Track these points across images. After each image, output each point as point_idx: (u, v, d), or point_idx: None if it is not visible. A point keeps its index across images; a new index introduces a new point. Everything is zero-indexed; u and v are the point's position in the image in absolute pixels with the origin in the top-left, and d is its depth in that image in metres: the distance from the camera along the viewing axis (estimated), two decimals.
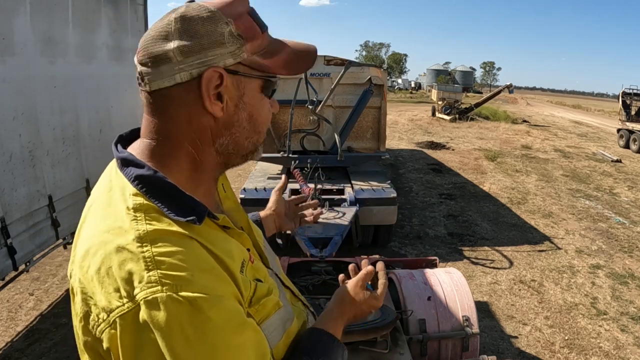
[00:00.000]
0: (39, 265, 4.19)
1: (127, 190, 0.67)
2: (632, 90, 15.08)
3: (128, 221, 0.63)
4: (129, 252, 0.61)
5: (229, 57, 0.69)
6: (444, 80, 59.53)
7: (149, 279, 0.58)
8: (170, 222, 0.65)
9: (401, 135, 14.93)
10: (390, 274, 2.52)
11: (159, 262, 0.60)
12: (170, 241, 0.62)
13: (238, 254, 0.72)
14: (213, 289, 0.61)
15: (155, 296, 0.57)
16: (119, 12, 4.44)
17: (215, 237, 0.70)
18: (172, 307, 0.57)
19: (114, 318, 0.59)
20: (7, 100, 2.89)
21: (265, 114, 0.78)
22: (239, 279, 0.68)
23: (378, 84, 5.49)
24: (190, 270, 0.60)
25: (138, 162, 0.69)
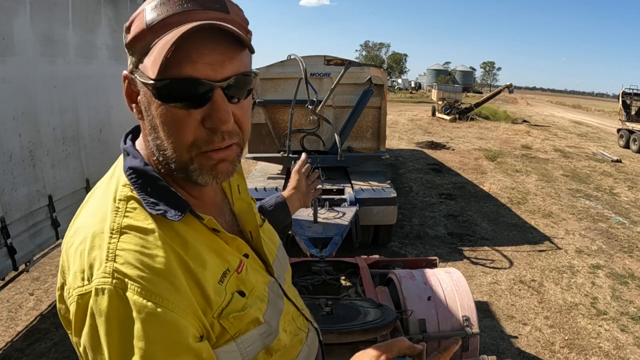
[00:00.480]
0: (39, 265, 4.19)
1: (121, 179, 0.70)
2: (632, 90, 15.07)
3: (110, 211, 0.66)
4: (100, 239, 0.63)
5: (130, 62, 0.68)
6: (444, 80, 59.53)
7: (104, 269, 0.60)
8: (147, 217, 0.65)
9: (401, 135, 14.94)
10: (391, 274, 2.53)
11: (118, 256, 0.61)
12: (138, 237, 0.63)
13: (217, 264, 0.69)
14: (160, 297, 0.60)
15: (104, 287, 0.59)
16: (119, 12, 4.44)
17: (194, 241, 0.68)
18: (115, 302, 0.59)
19: (75, 295, 0.62)
20: (7, 100, 2.89)
21: (168, 124, 0.65)
22: (210, 289, 0.66)
23: (378, 84, 5.50)
24: (144, 272, 0.60)
25: (134, 154, 0.72)
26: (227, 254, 0.73)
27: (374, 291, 2.44)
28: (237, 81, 0.66)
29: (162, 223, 0.66)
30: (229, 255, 0.73)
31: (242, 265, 0.74)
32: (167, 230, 0.66)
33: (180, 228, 0.67)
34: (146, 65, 0.64)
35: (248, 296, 0.73)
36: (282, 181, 5.08)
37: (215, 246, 0.71)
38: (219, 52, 0.63)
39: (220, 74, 0.63)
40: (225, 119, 0.65)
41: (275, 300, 0.81)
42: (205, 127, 0.65)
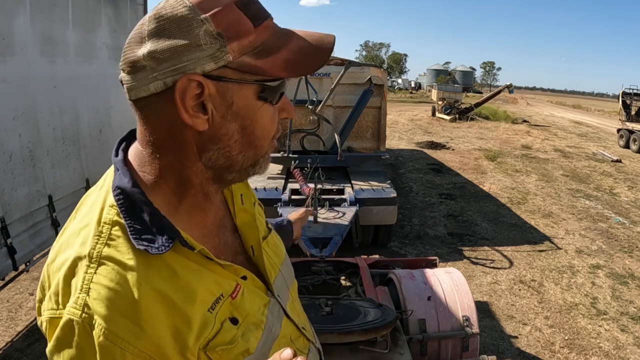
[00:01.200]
0: (39, 265, 4.18)
1: (108, 197, 0.64)
2: (632, 90, 15.08)
3: (91, 235, 0.62)
4: (78, 266, 0.60)
5: (209, 61, 0.58)
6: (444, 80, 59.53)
7: (77, 300, 0.58)
8: (129, 249, 0.61)
9: (401, 135, 14.94)
10: (391, 274, 2.53)
11: (92, 290, 0.58)
12: (115, 272, 0.59)
13: (210, 291, 0.65)
14: (123, 341, 0.57)
15: (72, 318, 0.58)
16: (119, 12, 4.44)
17: (185, 270, 0.63)
18: (81, 336, 0.58)
19: (47, 317, 0.62)
20: (7, 100, 2.89)
21: (264, 124, 0.66)
22: (197, 322, 0.62)
23: (378, 83, 5.50)
24: (113, 313, 0.58)
25: (124, 172, 0.65)
26: (221, 279, 0.68)
27: (374, 291, 2.44)
28: None
29: (146, 255, 0.61)
30: (223, 280, 0.68)
31: (237, 289, 0.69)
32: (153, 261, 0.61)
33: (168, 257, 0.62)
34: (261, 67, 0.61)
35: (241, 323, 0.68)
36: (282, 181, 5.08)
37: (208, 272, 0.66)
38: None
39: None
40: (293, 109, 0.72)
41: (272, 324, 0.76)
42: (280, 118, 0.70)
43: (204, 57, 0.58)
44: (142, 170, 0.66)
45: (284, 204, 4.44)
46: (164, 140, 0.64)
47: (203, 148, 0.64)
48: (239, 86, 0.61)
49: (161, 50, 0.58)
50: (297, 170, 4.74)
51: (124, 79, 0.62)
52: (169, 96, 0.59)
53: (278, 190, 4.68)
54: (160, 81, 0.59)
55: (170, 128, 0.62)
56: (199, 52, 0.58)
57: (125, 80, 0.62)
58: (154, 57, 0.58)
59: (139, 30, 0.60)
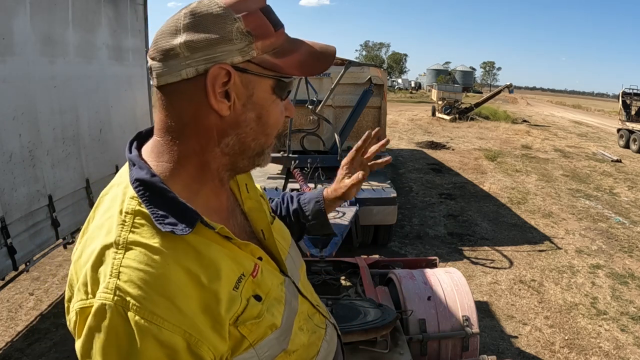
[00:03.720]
0: (39, 265, 4.19)
1: (128, 191, 0.68)
2: (632, 90, 15.08)
3: (116, 224, 0.65)
4: (105, 254, 0.63)
5: (237, 54, 0.67)
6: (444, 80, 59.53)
7: (107, 285, 0.60)
8: (154, 234, 0.64)
9: (401, 135, 14.94)
10: (391, 273, 2.53)
11: (122, 273, 0.60)
12: (143, 254, 0.62)
13: (232, 270, 0.69)
14: (160, 319, 0.59)
15: (105, 303, 0.59)
16: (119, 12, 4.44)
17: (207, 251, 0.67)
18: (114, 318, 0.59)
19: (77, 308, 0.62)
20: (7, 100, 2.89)
21: (275, 116, 0.74)
22: (225, 298, 0.66)
23: (378, 83, 5.50)
24: (146, 292, 0.60)
25: (140, 165, 0.70)
26: (241, 258, 0.72)
27: (374, 291, 2.44)
28: None
29: (170, 237, 0.65)
30: (243, 260, 0.72)
31: (257, 268, 0.74)
32: (178, 243, 0.65)
33: (191, 239, 0.66)
34: (279, 64, 0.70)
35: (265, 300, 0.73)
36: (282, 181, 5.08)
37: (228, 251, 0.71)
38: None
39: None
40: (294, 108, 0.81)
41: (291, 300, 0.81)
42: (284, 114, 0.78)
43: (233, 50, 0.67)
44: (159, 161, 0.71)
45: None
46: (188, 124, 0.69)
47: (223, 133, 0.71)
48: (259, 79, 0.70)
49: (197, 41, 0.65)
50: (297, 170, 4.74)
51: (154, 66, 0.68)
52: (198, 82, 0.66)
53: (278, 190, 4.68)
54: (193, 68, 0.66)
55: (195, 113, 0.69)
56: (230, 45, 0.66)
57: (155, 67, 0.68)
58: (189, 46, 0.65)
59: (174, 24, 0.67)
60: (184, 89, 0.67)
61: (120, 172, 0.75)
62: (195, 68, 0.66)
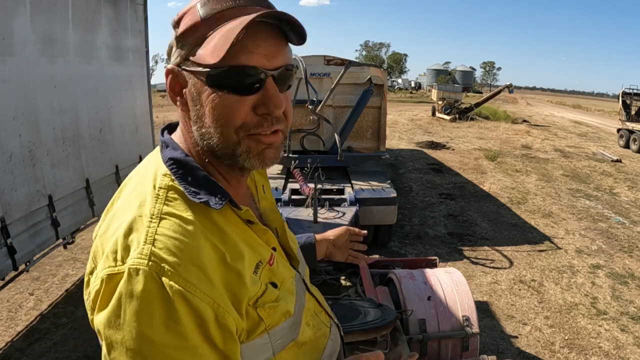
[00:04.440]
0: (39, 265, 4.19)
1: (160, 169, 0.71)
2: (632, 90, 15.07)
3: (150, 197, 0.67)
4: (138, 223, 0.64)
5: (178, 54, 0.70)
6: (444, 80, 59.53)
7: (141, 251, 0.61)
8: (187, 207, 0.67)
9: (401, 135, 14.94)
10: (391, 273, 2.53)
11: (157, 240, 0.62)
12: (177, 225, 0.64)
13: (252, 255, 0.71)
14: (193, 286, 0.60)
15: (139, 268, 0.59)
16: (119, 12, 4.44)
17: (230, 232, 0.69)
18: (149, 283, 0.59)
19: (103, 275, 0.62)
20: (7, 100, 2.89)
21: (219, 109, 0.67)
22: (247, 279, 0.68)
23: (378, 83, 5.50)
24: (181, 259, 0.61)
25: (174, 146, 0.74)
26: (258, 246, 0.74)
27: (374, 291, 2.44)
28: (285, 72, 0.71)
29: (200, 214, 0.67)
30: (260, 247, 0.75)
31: (273, 257, 0.76)
32: (206, 221, 0.67)
33: (217, 219, 0.68)
34: (201, 55, 0.67)
35: (280, 288, 0.74)
36: (282, 181, 5.08)
37: (247, 238, 0.73)
38: (272, 43, 0.68)
39: (273, 63, 0.68)
40: (279, 103, 0.70)
41: (300, 294, 0.83)
42: (257, 113, 0.69)
43: (175, 52, 0.71)
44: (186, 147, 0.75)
45: (284, 204, 4.44)
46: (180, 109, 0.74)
47: (192, 129, 0.72)
48: (195, 75, 0.68)
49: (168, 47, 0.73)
50: (297, 170, 4.74)
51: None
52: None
53: (278, 190, 4.68)
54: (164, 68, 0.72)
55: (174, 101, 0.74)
56: (175, 47, 0.71)
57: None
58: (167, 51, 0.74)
59: None
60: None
61: (148, 157, 0.78)
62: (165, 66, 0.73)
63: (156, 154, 0.76)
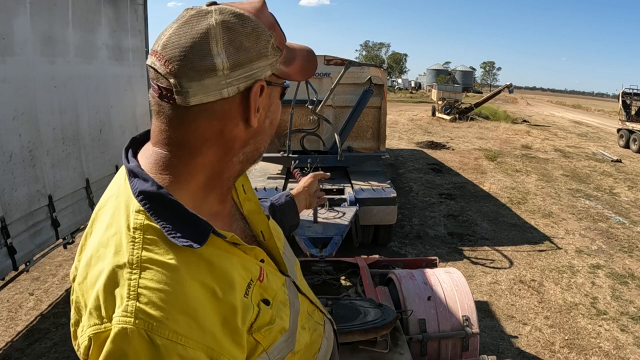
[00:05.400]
0: (39, 265, 4.19)
1: (131, 204, 0.65)
2: (632, 90, 15.07)
3: (126, 242, 0.62)
4: (118, 275, 0.60)
5: (269, 69, 0.69)
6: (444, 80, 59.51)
7: (126, 308, 0.58)
8: (167, 249, 0.63)
9: (401, 135, 14.93)
10: (391, 273, 2.53)
11: (140, 295, 0.59)
12: (159, 273, 0.60)
13: (242, 277, 0.69)
14: (183, 337, 0.59)
15: (125, 327, 0.57)
16: (119, 12, 4.44)
17: (219, 261, 0.67)
18: (137, 342, 0.57)
19: (90, 334, 0.60)
20: (7, 100, 2.89)
21: (278, 117, 0.79)
22: (239, 309, 0.66)
23: (378, 83, 5.50)
24: (168, 312, 0.59)
25: (144, 176, 0.66)
26: (247, 264, 0.72)
27: (374, 291, 2.44)
28: None
29: (183, 252, 0.63)
30: (249, 265, 0.72)
31: (262, 272, 0.74)
32: (190, 257, 0.63)
33: (203, 251, 0.65)
34: (288, 72, 0.74)
35: (273, 304, 0.73)
36: (282, 181, 5.08)
37: (236, 258, 0.70)
38: None
39: None
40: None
41: (293, 300, 0.81)
42: None
43: (267, 65, 0.68)
44: (164, 174, 0.68)
45: None
46: (209, 139, 0.67)
47: (244, 143, 0.72)
48: (276, 88, 0.73)
49: (240, 60, 0.64)
50: (297, 170, 4.74)
51: (185, 85, 0.63)
52: (235, 99, 0.66)
53: (278, 190, 4.68)
54: (235, 87, 0.65)
55: (223, 127, 0.68)
56: (265, 61, 0.67)
57: (186, 87, 0.63)
58: (231, 64, 0.64)
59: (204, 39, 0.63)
60: (218, 106, 0.65)
61: (117, 183, 0.72)
62: (237, 87, 0.65)
63: (122, 181, 0.70)
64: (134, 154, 0.72)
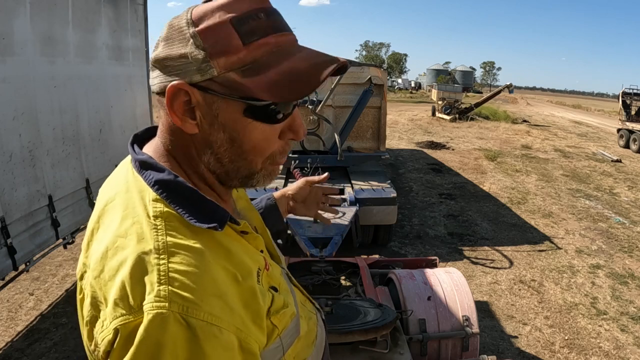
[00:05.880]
0: (39, 265, 4.19)
1: (146, 194, 0.64)
2: (632, 90, 15.08)
3: (148, 229, 0.61)
4: (145, 262, 0.58)
5: (196, 72, 0.61)
6: (444, 80, 59.52)
7: (159, 293, 0.56)
8: (190, 234, 0.62)
9: (401, 135, 14.93)
10: (391, 273, 2.53)
11: (172, 279, 0.57)
12: (188, 256, 0.60)
13: (254, 264, 0.69)
14: (218, 319, 0.58)
15: (161, 312, 0.55)
16: (119, 12, 4.44)
17: (234, 248, 0.67)
18: (174, 327, 0.55)
19: (117, 325, 0.57)
20: (7, 100, 2.89)
21: (254, 141, 0.66)
22: (258, 293, 0.65)
23: (378, 83, 5.49)
24: (201, 294, 0.58)
25: (158, 166, 0.66)
26: (254, 254, 0.72)
27: (374, 291, 2.44)
28: None
29: (205, 238, 0.63)
30: (256, 255, 0.72)
31: (267, 261, 0.74)
32: (212, 244, 0.63)
33: (221, 238, 0.65)
34: (246, 85, 0.61)
35: (280, 291, 0.73)
36: (281, 181, 5.08)
37: (245, 248, 0.71)
38: None
39: None
40: (305, 130, 0.71)
41: (291, 289, 0.82)
42: (283, 138, 0.70)
43: (192, 68, 0.62)
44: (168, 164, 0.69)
45: None
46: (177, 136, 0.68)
47: (200, 151, 0.68)
48: (225, 100, 0.63)
49: (162, 56, 0.64)
50: (297, 170, 4.74)
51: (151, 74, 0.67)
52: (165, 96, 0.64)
53: (278, 190, 4.68)
54: (159, 84, 0.64)
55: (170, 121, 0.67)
56: (187, 63, 0.62)
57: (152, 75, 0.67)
58: (157, 60, 0.64)
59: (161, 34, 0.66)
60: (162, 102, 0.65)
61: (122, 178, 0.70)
62: (159, 85, 0.64)
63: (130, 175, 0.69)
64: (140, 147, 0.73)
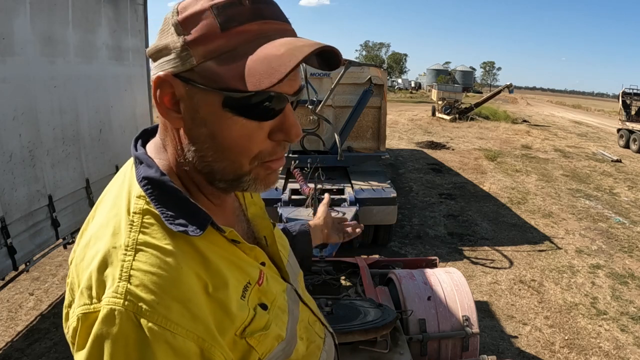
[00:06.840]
0: (39, 265, 4.19)
1: (133, 189, 0.65)
2: (632, 90, 15.08)
3: (124, 225, 0.61)
4: (112, 256, 0.59)
5: (178, 63, 0.60)
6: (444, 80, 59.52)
7: (116, 289, 0.56)
8: (165, 235, 0.61)
9: (401, 135, 14.93)
10: (391, 273, 2.53)
11: (132, 276, 0.57)
12: (154, 257, 0.59)
13: (237, 279, 0.66)
14: (173, 324, 0.56)
15: (114, 308, 0.55)
16: (119, 12, 4.44)
17: (213, 257, 0.64)
18: (125, 325, 0.55)
19: (79, 314, 0.58)
20: (7, 100, 2.89)
21: (233, 137, 0.62)
22: (233, 307, 0.63)
23: (378, 83, 5.50)
24: (159, 296, 0.57)
25: (149, 163, 0.66)
26: (246, 266, 0.69)
27: (374, 291, 2.44)
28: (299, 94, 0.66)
29: (180, 240, 0.62)
30: (248, 267, 0.70)
31: (262, 275, 0.71)
32: (186, 247, 0.62)
33: (199, 243, 0.63)
34: (222, 74, 0.58)
35: (270, 309, 0.70)
36: (281, 181, 5.08)
37: (234, 258, 0.68)
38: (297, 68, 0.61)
39: (294, 87, 0.63)
40: (299, 131, 0.65)
41: (293, 308, 0.78)
42: (273, 139, 0.64)
43: (174, 59, 0.60)
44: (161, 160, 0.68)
45: (283, 204, 4.44)
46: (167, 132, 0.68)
47: (185, 147, 0.65)
48: (204, 91, 0.60)
49: (152, 48, 0.63)
50: (297, 170, 4.74)
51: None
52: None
53: (278, 190, 4.68)
54: (153, 76, 0.63)
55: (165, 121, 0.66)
56: (171, 54, 0.60)
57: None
58: (150, 53, 0.64)
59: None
60: None
61: (123, 170, 0.71)
62: (152, 78, 0.63)
63: (131, 168, 0.69)
64: (143, 144, 0.72)
